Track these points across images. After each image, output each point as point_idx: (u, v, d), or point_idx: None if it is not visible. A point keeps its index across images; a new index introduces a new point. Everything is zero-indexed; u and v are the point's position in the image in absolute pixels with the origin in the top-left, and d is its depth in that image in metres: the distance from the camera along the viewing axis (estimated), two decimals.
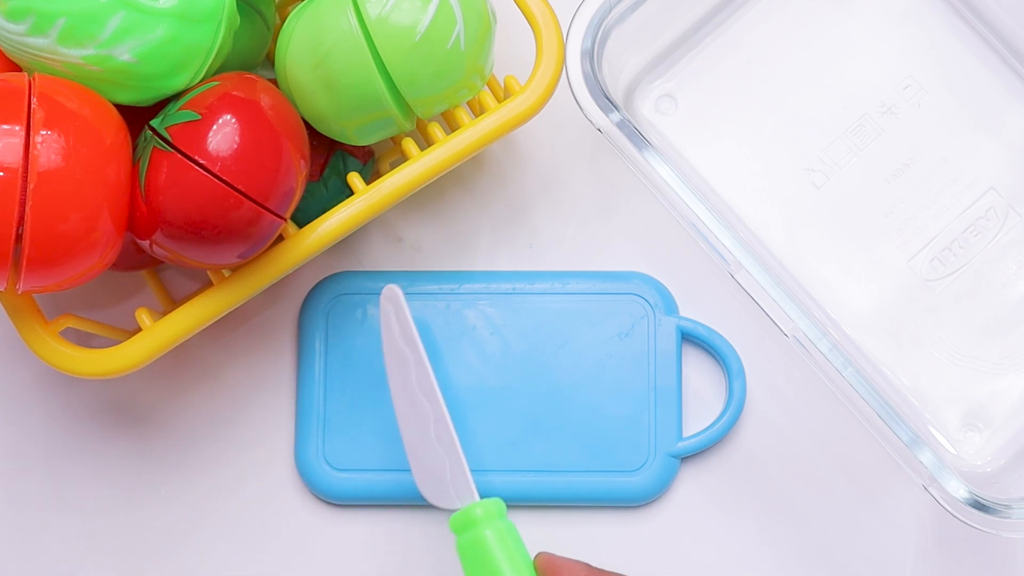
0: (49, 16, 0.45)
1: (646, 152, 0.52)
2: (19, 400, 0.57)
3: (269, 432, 0.56)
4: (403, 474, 0.55)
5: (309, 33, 0.49)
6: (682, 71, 0.58)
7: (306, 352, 0.56)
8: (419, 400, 0.52)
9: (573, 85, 0.53)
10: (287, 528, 0.56)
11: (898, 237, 0.57)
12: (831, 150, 0.57)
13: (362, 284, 0.57)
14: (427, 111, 0.50)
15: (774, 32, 0.58)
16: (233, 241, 0.46)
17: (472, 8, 0.49)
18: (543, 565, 0.50)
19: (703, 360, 0.57)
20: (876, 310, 0.56)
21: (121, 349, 0.49)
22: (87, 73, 0.46)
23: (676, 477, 0.55)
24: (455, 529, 0.51)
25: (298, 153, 0.47)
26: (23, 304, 0.50)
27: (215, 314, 0.50)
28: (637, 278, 0.56)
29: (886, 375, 0.55)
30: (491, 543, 0.50)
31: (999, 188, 0.57)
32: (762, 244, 0.56)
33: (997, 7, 0.58)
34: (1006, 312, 0.56)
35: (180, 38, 0.46)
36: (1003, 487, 0.53)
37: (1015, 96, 0.58)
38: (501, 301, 0.56)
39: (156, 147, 0.46)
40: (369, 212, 0.50)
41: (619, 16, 0.54)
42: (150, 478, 0.56)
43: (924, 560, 0.55)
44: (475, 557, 0.50)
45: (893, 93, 0.58)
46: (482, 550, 0.50)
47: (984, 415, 0.55)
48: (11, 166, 0.43)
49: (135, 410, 0.57)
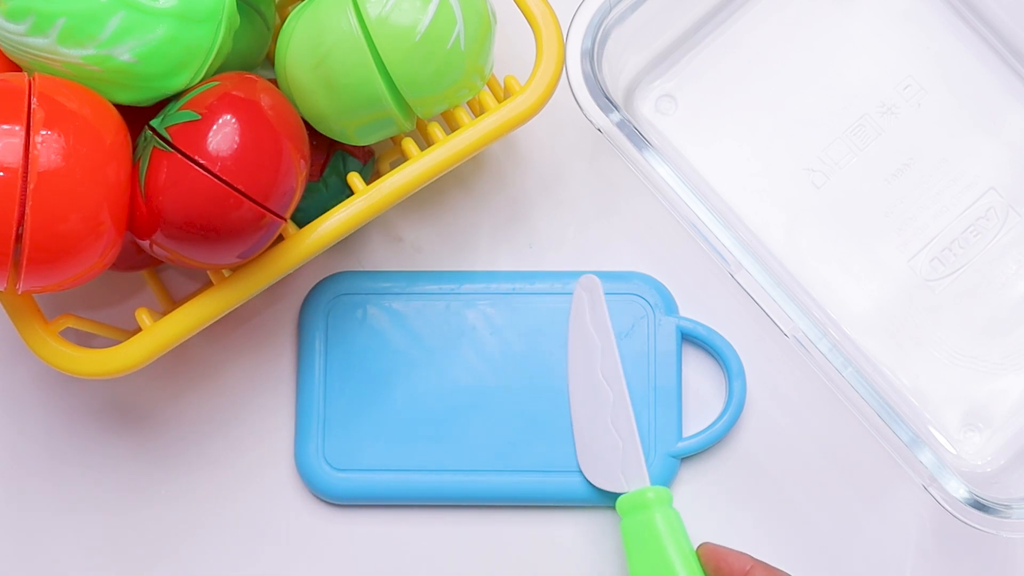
0: (49, 16, 0.45)
1: (646, 152, 0.52)
2: (19, 400, 0.57)
3: (269, 432, 0.56)
4: (403, 474, 0.55)
5: (309, 33, 0.49)
6: (682, 71, 0.58)
7: (306, 352, 0.56)
8: (601, 385, 0.54)
9: (573, 85, 0.53)
10: (287, 528, 0.56)
11: (898, 237, 0.57)
12: (831, 150, 0.57)
13: (362, 284, 0.57)
14: (427, 111, 0.50)
15: (774, 32, 0.58)
16: (233, 241, 0.46)
17: (472, 8, 0.49)
18: (708, 554, 0.51)
19: (703, 360, 0.57)
20: (876, 310, 0.56)
21: (121, 349, 0.49)
22: (87, 73, 0.46)
23: (676, 477, 0.55)
24: (624, 511, 0.52)
25: (298, 153, 0.47)
26: (23, 304, 0.50)
27: (215, 314, 0.50)
28: (637, 278, 0.56)
29: (886, 375, 0.56)
30: (660, 527, 0.51)
31: (999, 188, 0.57)
32: (762, 244, 0.56)
33: (997, 7, 0.58)
34: (1006, 312, 0.56)
35: (180, 38, 0.46)
36: (1003, 487, 0.53)
37: (1015, 96, 0.58)
38: (501, 301, 0.56)
39: (156, 147, 0.46)
40: (369, 212, 0.50)
41: (619, 16, 0.54)
42: (150, 478, 0.56)
43: (924, 560, 0.55)
44: (643, 539, 0.51)
45: (893, 93, 0.58)
46: (651, 533, 0.51)
47: (984, 415, 0.55)
48: (11, 166, 0.43)
49: (135, 410, 0.57)
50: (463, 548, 0.55)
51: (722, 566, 0.50)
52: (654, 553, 0.51)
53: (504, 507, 0.55)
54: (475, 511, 0.55)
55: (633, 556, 0.52)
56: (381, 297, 0.56)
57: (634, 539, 0.52)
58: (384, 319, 0.56)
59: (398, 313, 0.56)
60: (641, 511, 0.52)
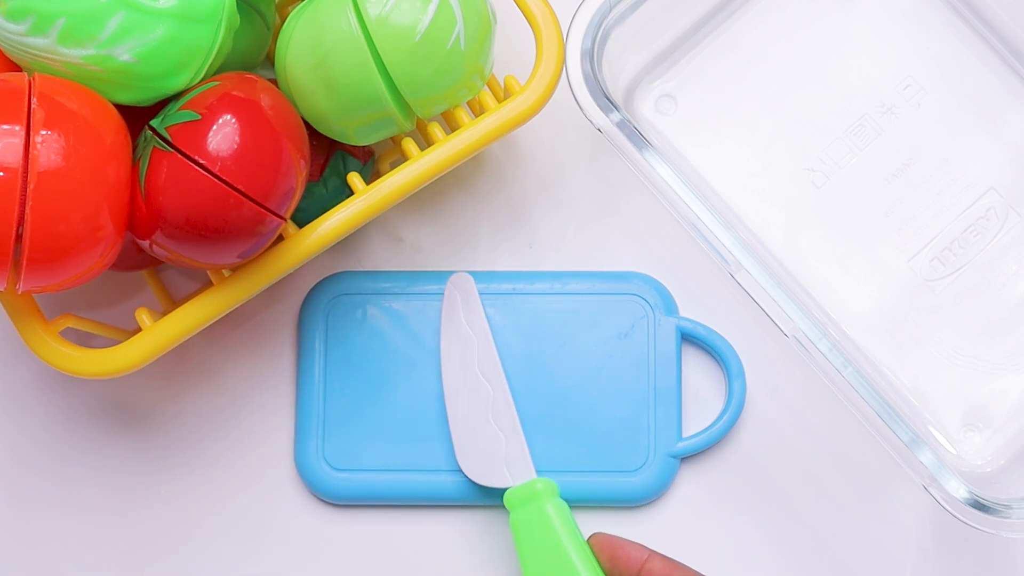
0: (49, 16, 0.45)
1: (646, 152, 0.52)
2: (19, 400, 0.57)
3: (269, 432, 0.56)
4: (402, 474, 0.55)
5: (309, 33, 0.49)
6: (682, 71, 0.58)
7: (306, 352, 0.56)
8: (478, 380, 0.54)
9: (573, 85, 0.53)
10: (287, 528, 0.56)
11: (898, 237, 0.57)
12: (831, 150, 0.57)
13: (362, 284, 0.57)
14: (427, 111, 0.50)
15: (774, 32, 0.58)
16: (233, 241, 0.46)
17: (472, 8, 0.49)
18: (601, 544, 0.51)
19: (703, 360, 0.57)
20: (876, 310, 0.56)
21: (121, 349, 0.49)
22: (87, 73, 0.46)
23: (676, 477, 0.55)
24: (512, 504, 0.52)
25: (298, 153, 0.47)
26: (23, 304, 0.50)
27: (215, 314, 0.50)
28: (637, 278, 0.56)
29: (886, 375, 0.55)
30: (552, 517, 0.51)
31: (999, 188, 0.57)
32: (762, 244, 0.56)
33: (997, 7, 0.58)
34: (1006, 312, 0.56)
35: (180, 38, 0.46)
36: (1003, 487, 0.53)
37: (1015, 96, 0.58)
38: (501, 301, 0.56)
39: (156, 147, 0.46)
40: (369, 212, 0.50)
41: (619, 16, 0.54)
42: (150, 478, 0.56)
43: (924, 560, 0.55)
44: (534, 531, 0.51)
45: (893, 93, 0.58)
46: (542, 524, 0.51)
47: (984, 415, 0.55)
48: (11, 166, 0.43)
49: (135, 410, 0.57)
50: (462, 548, 0.55)
51: (619, 554, 0.50)
52: (547, 544, 0.51)
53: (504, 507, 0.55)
54: (475, 511, 0.55)
55: (525, 550, 0.51)
56: (381, 297, 0.56)
57: (526, 532, 0.52)
58: (384, 319, 0.56)
59: (398, 313, 0.56)
60: (530, 503, 0.52)
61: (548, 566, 0.51)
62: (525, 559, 0.51)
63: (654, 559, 0.50)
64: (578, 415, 0.55)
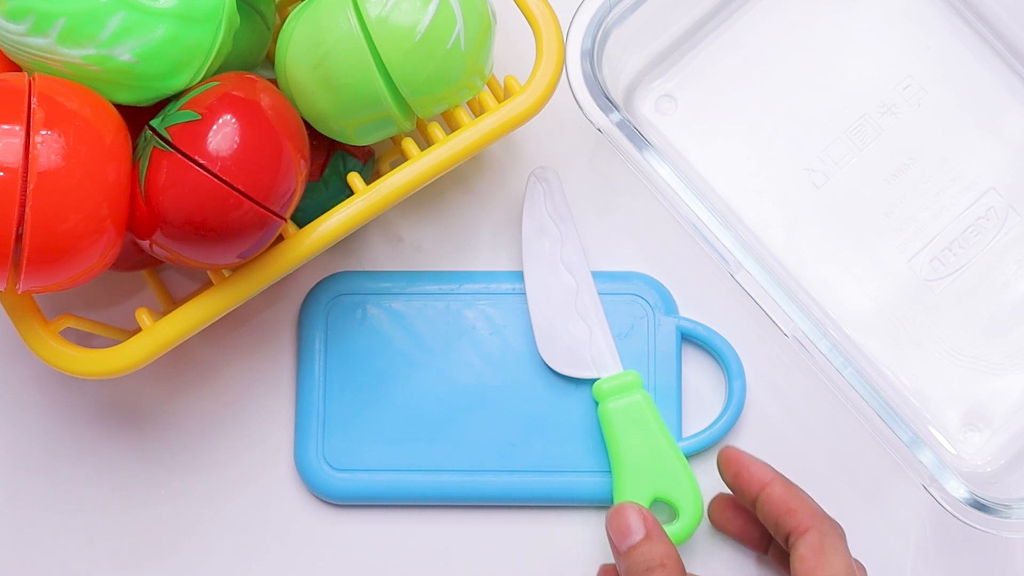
0: (49, 16, 0.45)
1: (646, 152, 0.52)
2: (19, 400, 0.57)
3: (269, 432, 0.56)
4: (403, 474, 0.55)
5: (309, 33, 0.49)
6: (682, 71, 0.58)
7: (306, 352, 0.56)
8: (562, 275, 0.55)
9: (573, 85, 0.53)
10: (287, 528, 0.56)
11: (898, 237, 0.57)
12: (831, 150, 0.57)
13: (362, 284, 0.57)
14: (427, 111, 0.50)
15: (774, 32, 0.58)
16: (233, 241, 0.46)
17: (472, 8, 0.49)
18: (728, 459, 0.51)
19: (703, 360, 0.57)
20: (876, 310, 0.56)
21: (121, 349, 0.49)
22: (87, 73, 0.46)
23: None
24: (602, 396, 0.54)
25: (298, 153, 0.47)
26: (23, 304, 0.50)
27: (215, 314, 0.50)
28: (637, 278, 0.56)
29: (886, 375, 0.55)
30: (645, 408, 0.53)
31: (999, 188, 0.57)
32: (762, 244, 0.56)
33: (997, 7, 0.58)
34: (1006, 312, 0.56)
35: (180, 38, 0.46)
36: (1003, 487, 0.53)
37: (1015, 96, 0.58)
38: (501, 301, 0.56)
39: (156, 147, 0.46)
40: (369, 212, 0.50)
41: (619, 16, 0.54)
42: (150, 478, 0.56)
43: (924, 560, 0.55)
44: (628, 422, 0.53)
45: (893, 93, 0.58)
46: (639, 413, 0.53)
47: (984, 415, 0.55)
48: (11, 166, 0.43)
49: (135, 410, 0.57)
50: (463, 548, 0.55)
51: (743, 473, 0.51)
52: (642, 434, 0.53)
53: (503, 507, 0.55)
54: (475, 511, 0.55)
55: (618, 439, 0.53)
56: (381, 297, 0.56)
57: (615, 422, 0.53)
58: (384, 319, 0.56)
59: (398, 313, 0.56)
60: (622, 394, 0.53)
61: (642, 455, 0.53)
62: (618, 448, 0.53)
63: (775, 484, 0.50)
64: (578, 415, 0.55)
